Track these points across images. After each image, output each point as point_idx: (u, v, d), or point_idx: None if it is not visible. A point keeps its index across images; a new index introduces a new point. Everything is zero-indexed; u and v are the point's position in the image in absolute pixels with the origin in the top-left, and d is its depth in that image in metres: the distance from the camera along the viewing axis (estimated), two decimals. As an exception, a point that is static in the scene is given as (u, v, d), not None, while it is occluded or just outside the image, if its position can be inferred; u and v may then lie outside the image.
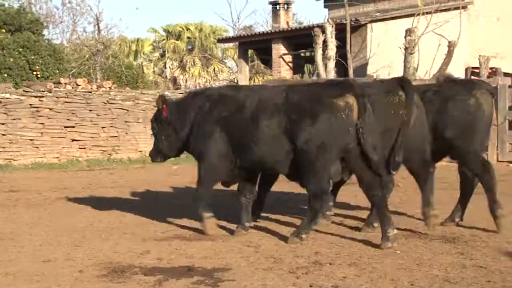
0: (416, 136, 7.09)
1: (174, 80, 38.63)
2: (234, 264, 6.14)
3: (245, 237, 7.37)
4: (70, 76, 23.77)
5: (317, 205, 6.81)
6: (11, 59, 21.49)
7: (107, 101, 17.50)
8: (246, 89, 7.74)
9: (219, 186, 7.86)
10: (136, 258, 6.48)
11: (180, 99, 8.05)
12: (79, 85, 17.34)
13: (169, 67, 39.66)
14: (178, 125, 7.73)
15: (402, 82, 7.18)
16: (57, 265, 6.22)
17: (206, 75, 38.45)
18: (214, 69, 39.11)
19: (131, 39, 40.23)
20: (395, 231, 6.73)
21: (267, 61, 29.64)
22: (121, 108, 17.71)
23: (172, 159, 8.71)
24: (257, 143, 7.02)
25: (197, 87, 34.93)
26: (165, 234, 7.66)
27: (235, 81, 33.87)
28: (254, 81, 33.50)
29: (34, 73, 21.83)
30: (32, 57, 21.91)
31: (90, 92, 17.30)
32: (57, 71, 22.39)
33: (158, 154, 8.06)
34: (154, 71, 39.52)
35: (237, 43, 30.80)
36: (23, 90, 16.58)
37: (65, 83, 17.25)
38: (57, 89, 16.82)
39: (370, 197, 6.80)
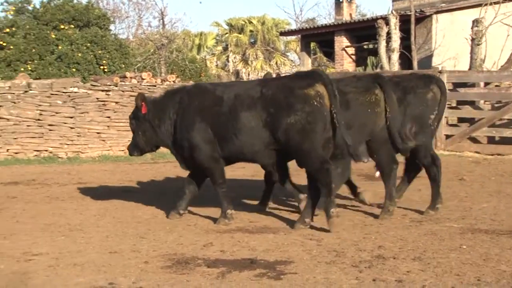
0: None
1: (237, 74, 38.80)
2: (296, 257, 6.13)
3: (307, 230, 7.35)
4: (136, 70, 24.16)
5: (326, 178, 7.19)
6: (79, 54, 21.97)
7: (172, 94, 17.65)
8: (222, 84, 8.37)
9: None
10: (200, 250, 6.54)
11: (158, 97, 8.48)
12: (144, 79, 17.58)
13: (232, 61, 39.87)
14: (156, 122, 8.20)
15: (378, 80, 7.83)
16: (123, 256, 6.34)
17: (269, 68, 38.45)
18: (276, 62, 39.11)
19: (195, 33, 40.61)
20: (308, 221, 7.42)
21: (330, 54, 29.42)
22: (186, 102, 17.84)
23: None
24: (237, 134, 7.54)
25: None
26: (228, 227, 7.72)
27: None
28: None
29: (101, 67, 22.26)
30: (99, 51, 22.34)
31: (155, 85, 17.52)
32: (123, 65, 22.77)
33: (135, 149, 8.61)
34: (217, 65, 39.80)
35: (299, 36, 30.67)
36: (91, 84, 16.92)
37: (131, 77, 17.51)
38: (123, 83, 17.11)
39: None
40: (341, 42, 26.46)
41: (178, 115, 8.02)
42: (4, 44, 22.45)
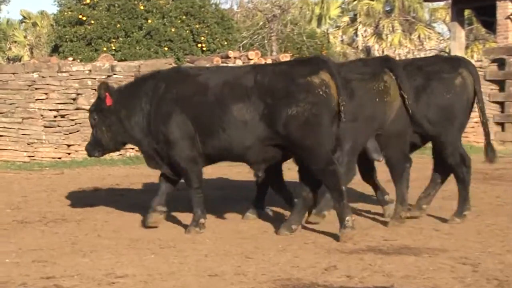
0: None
1: (368, 51, 38.53)
2: (445, 287, 6.01)
3: (459, 252, 7.20)
4: (241, 49, 24.45)
5: (333, 180, 7.76)
6: (173, 29, 22.44)
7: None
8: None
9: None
10: (320, 274, 6.53)
11: (126, 85, 8.98)
12: (251, 59, 17.75)
13: (361, 34, 39.63)
14: (124, 114, 8.58)
15: (387, 63, 8.40)
16: (225, 281, 6.42)
17: (409, 44, 37.95)
18: (419, 36, 38.54)
19: (315, 0, 40.65)
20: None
21: (490, 24, 28.59)
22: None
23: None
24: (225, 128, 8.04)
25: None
26: (356, 246, 7.68)
27: (447, 50, 33.10)
28: (472, 50, 32.55)
29: (199, 45, 22.69)
30: (197, 26, 22.76)
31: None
32: (225, 43, 23.11)
33: (96, 148, 8.98)
34: (342, 40, 39.74)
35: (449, 1, 30.04)
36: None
37: (235, 57, 17.73)
38: (226, 64, 17.35)
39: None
40: (506, 8, 25.65)
41: (152, 105, 8.38)
42: (84, 18, 23.20)
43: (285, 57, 18.39)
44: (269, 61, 17.98)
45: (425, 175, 9.91)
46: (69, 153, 16.31)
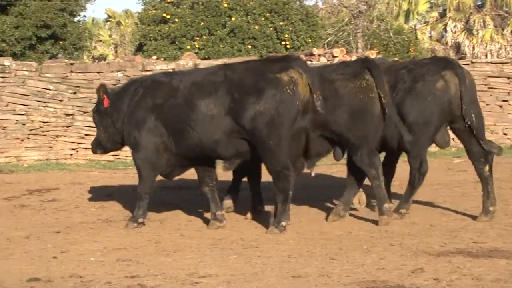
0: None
1: (457, 47, 37.95)
2: (538, 292, 5.92)
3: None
4: (325, 46, 24.40)
5: (284, 185, 8.27)
6: (256, 27, 22.54)
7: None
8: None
9: None
10: (406, 277, 6.49)
11: (118, 89, 9.53)
12: (336, 56, 17.72)
13: (451, 30, 39.02)
14: (115, 116, 9.15)
15: (367, 64, 8.80)
16: (309, 282, 6.43)
17: (501, 40, 37.20)
18: (511, 31, 37.71)
19: (403, -4, 40.20)
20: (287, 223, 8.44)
21: None
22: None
23: (453, 150, 8.81)
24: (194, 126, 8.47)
25: (487, 56, 33.99)
26: (444, 248, 7.60)
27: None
28: None
29: (283, 42, 22.74)
30: (281, 23, 22.82)
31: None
32: (310, 40, 23.11)
33: (98, 146, 9.60)
34: (431, 36, 39.22)
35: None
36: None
37: (319, 55, 17.73)
38: (309, 62, 17.34)
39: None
40: None
41: (129, 108, 8.97)
42: (168, 16, 23.52)
43: (371, 54, 18.29)
44: (354, 58, 17.91)
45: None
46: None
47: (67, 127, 16.50)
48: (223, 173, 9.36)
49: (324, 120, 8.51)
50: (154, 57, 19.80)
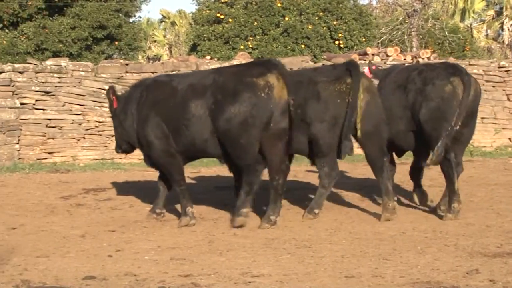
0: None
1: (514, 46, 37.41)
2: None
3: None
4: (379, 45, 24.30)
5: (251, 178, 8.83)
6: (310, 26, 22.55)
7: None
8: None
9: None
10: (461, 278, 6.44)
11: (126, 91, 9.97)
12: (390, 55, 17.63)
13: (508, 29, 38.51)
14: (122, 117, 9.65)
15: (350, 67, 9.23)
16: (362, 282, 6.42)
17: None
18: None
19: (460, -7, 39.78)
20: (277, 219, 8.90)
21: None
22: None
23: (509, 150, 8.69)
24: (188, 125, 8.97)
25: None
26: (500, 249, 7.53)
27: None
28: None
29: (336, 42, 22.70)
30: (334, 22, 22.78)
31: (404, 64, 17.48)
32: (363, 39, 23.04)
33: (117, 146, 10.09)
34: (487, 35, 38.75)
35: None
36: (322, 65, 17.29)
37: (373, 54, 17.66)
38: (363, 61, 17.28)
39: (271, 181, 8.89)
40: None
41: (137, 110, 9.42)
42: (222, 17, 23.63)
43: (426, 53, 18.16)
44: (408, 57, 17.81)
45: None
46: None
47: (122, 127, 16.67)
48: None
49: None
50: (208, 57, 19.91)
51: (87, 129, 16.57)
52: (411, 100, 9.40)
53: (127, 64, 17.16)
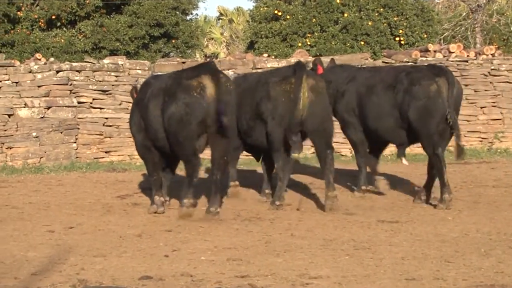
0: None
1: None
2: None
3: None
4: (441, 41, 24.06)
5: (189, 170, 9.65)
6: (370, 23, 22.42)
7: (489, 72, 17.29)
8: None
9: None
10: (527, 282, 6.34)
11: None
12: (452, 52, 17.42)
13: None
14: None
15: (296, 67, 10.11)
16: (423, 285, 6.37)
17: None
18: None
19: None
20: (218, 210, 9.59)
21: None
22: (508, 82, 17.37)
23: None
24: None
25: None
26: None
27: None
28: None
29: (397, 38, 22.53)
30: (395, 18, 22.61)
31: (466, 61, 17.28)
32: (425, 36, 22.82)
33: None
34: (553, 30, 38.01)
35: None
36: (382, 62, 17.17)
37: (435, 51, 17.46)
38: (425, 58, 17.12)
39: (210, 175, 10.05)
40: None
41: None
42: (280, 13, 23.62)
43: (490, 50, 17.90)
44: (471, 54, 17.58)
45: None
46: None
47: (178, 125, 16.76)
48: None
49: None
50: (265, 55, 19.91)
51: (143, 128, 16.69)
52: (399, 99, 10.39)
53: (184, 62, 17.20)
